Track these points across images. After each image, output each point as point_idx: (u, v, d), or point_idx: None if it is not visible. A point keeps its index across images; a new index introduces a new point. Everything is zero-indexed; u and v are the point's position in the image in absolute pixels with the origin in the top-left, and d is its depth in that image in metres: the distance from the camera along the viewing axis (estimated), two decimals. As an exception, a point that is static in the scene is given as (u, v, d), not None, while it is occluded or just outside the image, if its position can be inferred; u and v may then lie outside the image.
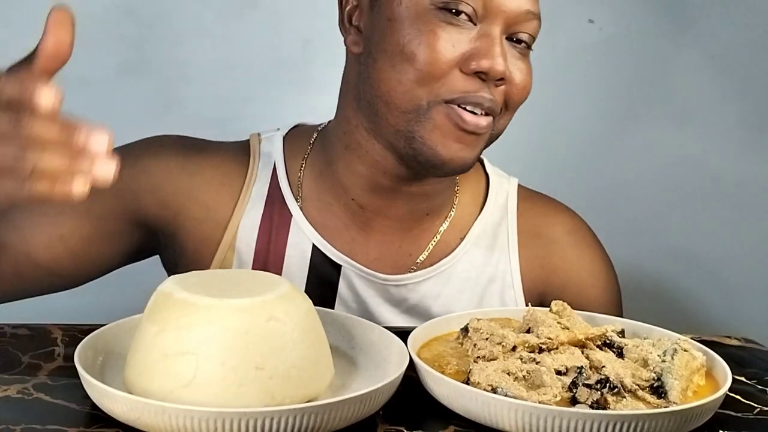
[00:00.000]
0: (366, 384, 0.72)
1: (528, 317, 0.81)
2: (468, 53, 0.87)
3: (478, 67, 0.87)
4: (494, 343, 0.77)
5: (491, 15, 0.87)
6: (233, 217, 0.99)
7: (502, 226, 1.04)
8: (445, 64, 0.87)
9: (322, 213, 0.99)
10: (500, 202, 1.05)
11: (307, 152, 1.01)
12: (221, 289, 0.71)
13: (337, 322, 0.83)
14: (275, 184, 1.00)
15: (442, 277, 1.00)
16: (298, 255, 0.98)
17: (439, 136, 0.89)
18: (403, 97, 0.89)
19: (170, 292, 0.70)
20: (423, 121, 0.89)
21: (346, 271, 0.98)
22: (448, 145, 0.89)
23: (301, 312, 0.72)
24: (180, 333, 0.67)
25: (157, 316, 0.69)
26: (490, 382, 0.70)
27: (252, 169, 1.01)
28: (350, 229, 0.99)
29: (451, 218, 1.02)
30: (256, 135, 1.04)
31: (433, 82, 0.87)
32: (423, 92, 0.88)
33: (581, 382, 0.71)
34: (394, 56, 0.88)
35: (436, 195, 0.99)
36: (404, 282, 0.99)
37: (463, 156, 0.90)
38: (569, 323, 0.80)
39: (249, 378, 0.66)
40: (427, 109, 0.88)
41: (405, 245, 1.00)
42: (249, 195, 1.00)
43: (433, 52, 0.86)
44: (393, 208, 0.98)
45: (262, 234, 0.99)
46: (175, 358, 0.67)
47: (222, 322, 0.67)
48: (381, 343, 0.80)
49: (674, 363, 0.74)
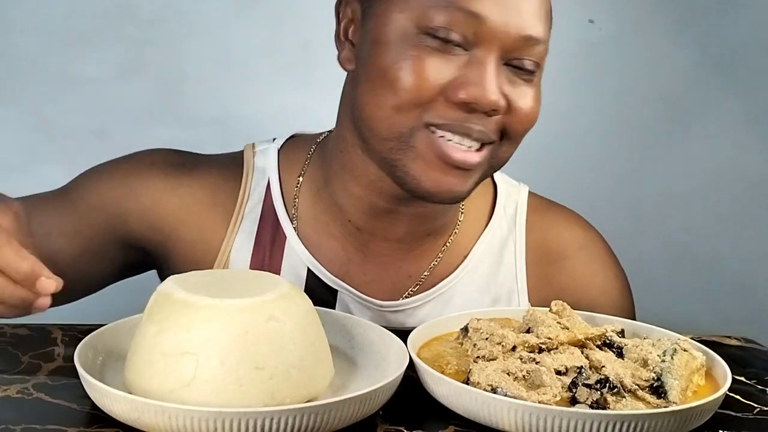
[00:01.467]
0: (366, 384, 0.72)
1: (528, 317, 0.81)
2: (455, 81, 0.81)
3: (466, 96, 0.81)
4: (494, 343, 0.77)
5: (484, 41, 0.81)
6: (226, 239, 0.96)
7: (509, 242, 1.00)
8: (429, 91, 0.81)
9: (317, 233, 0.96)
10: (509, 213, 1.01)
11: (304, 167, 0.98)
12: (221, 289, 0.71)
13: (337, 322, 0.83)
14: (269, 202, 0.97)
15: (442, 300, 0.97)
16: (293, 279, 0.95)
17: (423, 166, 0.84)
18: (384, 123, 0.84)
19: (170, 292, 0.70)
20: (405, 150, 0.84)
21: (342, 296, 0.96)
22: (433, 177, 0.84)
23: (301, 312, 0.72)
24: (180, 333, 0.67)
25: (157, 316, 0.69)
26: (489, 382, 0.70)
27: (245, 186, 0.97)
28: (347, 251, 0.96)
29: (455, 236, 0.98)
30: (251, 147, 1.01)
31: (415, 109, 0.82)
32: (404, 119, 0.83)
33: (581, 382, 0.71)
34: (376, 80, 0.83)
35: (437, 216, 0.95)
36: (402, 307, 0.96)
37: (451, 189, 0.85)
38: (569, 323, 0.80)
39: (249, 378, 0.66)
40: (409, 136, 0.83)
41: (404, 266, 0.97)
42: (242, 215, 0.97)
43: (416, 78, 0.81)
44: (391, 231, 0.94)
45: (256, 256, 0.96)
46: (174, 358, 0.67)
47: (222, 322, 0.67)
48: (381, 343, 0.80)
49: (674, 363, 0.74)
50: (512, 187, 1.03)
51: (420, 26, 0.82)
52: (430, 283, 0.97)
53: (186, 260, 0.96)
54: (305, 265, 0.96)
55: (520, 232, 1.00)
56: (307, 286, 0.95)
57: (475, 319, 0.81)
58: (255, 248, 0.96)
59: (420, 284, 0.97)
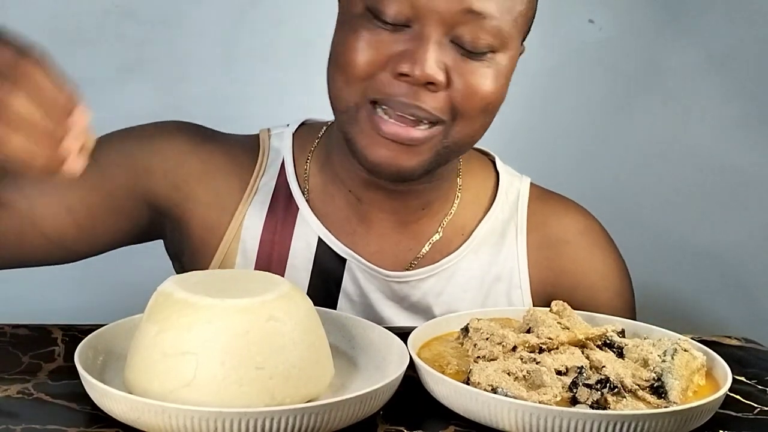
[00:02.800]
0: (366, 384, 0.72)
1: (528, 317, 0.81)
2: (395, 55, 0.84)
3: (402, 69, 0.83)
4: (494, 343, 0.77)
5: (422, 16, 0.83)
6: (240, 207, 0.99)
7: (511, 224, 1.02)
8: (367, 65, 0.85)
9: (326, 205, 0.99)
10: (511, 200, 1.03)
11: (314, 146, 1.02)
12: (221, 289, 0.71)
13: (336, 322, 0.83)
14: (283, 178, 1.00)
15: (445, 275, 0.99)
16: (303, 247, 0.98)
17: (366, 139, 0.87)
18: (336, 99, 0.89)
19: (170, 292, 0.70)
20: (353, 123, 0.88)
21: (351, 264, 0.98)
22: (375, 151, 0.87)
23: (301, 312, 0.72)
24: (180, 333, 0.67)
25: (157, 316, 0.69)
26: (490, 382, 0.70)
27: (261, 162, 1.01)
28: (351, 222, 0.99)
29: (452, 216, 1.01)
30: (266, 130, 1.05)
31: (359, 83, 0.86)
32: (350, 94, 0.87)
33: (581, 382, 0.71)
34: (331, 58, 0.89)
35: (428, 192, 0.98)
36: (406, 279, 0.99)
37: (398, 164, 0.87)
38: (569, 323, 0.80)
39: (249, 378, 0.66)
40: (356, 111, 0.87)
41: (404, 240, 1.00)
42: (257, 187, 1.00)
43: (353, 53, 0.85)
44: (387, 203, 0.98)
45: (268, 226, 0.99)
46: (175, 358, 0.67)
47: (222, 322, 0.67)
48: (381, 343, 0.80)
49: (674, 363, 0.74)
50: (514, 177, 1.06)
51: (369, 8, 0.85)
52: (431, 258, 1.00)
53: (200, 224, 0.99)
54: (316, 234, 0.98)
55: (521, 216, 1.03)
56: (317, 256, 0.98)
57: (475, 319, 0.81)
58: (268, 218, 0.99)
59: (420, 258, 1.00)
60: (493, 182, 1.05)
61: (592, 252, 1.03)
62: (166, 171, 0.99)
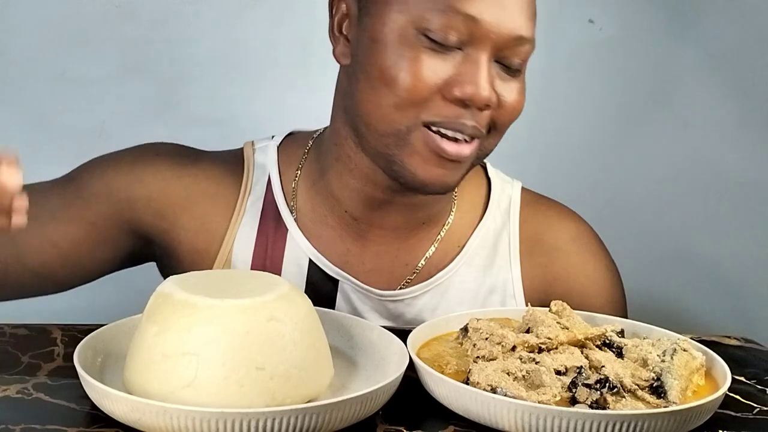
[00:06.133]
0: (366, 384, 0.72)
1: (527, 317, 0.81)
2: (451, 79, 0.84)
3: (461, 94, 0.84)
4: (494, 343, 0.77)
5: (478, 41, 0.84)
6: (228, 231, 0.98)
7: (504, 233, 1.02)
8: (427, 91, 0.84)
9: (316, 224, 0.98)
10: (503, 207, 1.03)
11: (301, 162, 1.00)
12: (221, 289, 0.71)
13: (336, 322, 0.83)
14: (270, 197, 0.99)
15: (440, 290, 0.99)
16: (295, 270, 0.97)
17: (419, 161, 0.87)
18: (382, 120, 0.87)
19: (170, 293, 0.70)
20: (402, 146, 0.87)
21: (343, 285, 0.97)
22: (428, 170, 0.87)
23: (301, 312, 0.72)
24: (180, 334, 0.67)
25: (157, 317, 0.69)
26: (489, 382, 0.70)
27: (246, 181, 0.99)
28: (345, 241, 0.98)
29: (449, 226, 1.00)
30: (250, 144, 1.03)
31: (413, 107, 0.85)
32: (402, 117, 0.85)
33: (581, 382, 0.71)
34: (375, 79, 0.86)
35: (431, 204, 0.97)
36: (401, 297, 0.98)
37: (445, 180, 0.89)
38: (569, 323, 0.80)
39: (250, 378, 0.66)
40: (407, 134, 0.86)
41: (401, 255, 0.99)
42: (244, 208, 0.98)
43: (414, 78, 0.84)
44: (387, 219, 0.97)
45: (258, 248, 0.97)
46: (175, 358, 0.67)
47: (222, 323, 0.67)
48: (381, 343, 0.80)
49: (674, 363, 0.74)
50: (506, 183, 1.06)
51: (418, 28, 0.84)
52: (427, 273, 0.99)
53: (189, 249, 0.98)
54: (307, 256, 0.97)
55: (513, 225, 1.02)
56: (309, 277, 0.97)
57: (474, 319, 0.81)
58: (257, 241, 0.97)
59: (417, 273, 0.99)
60: (485, 189, 1.04)
61: (584, 258, 1.03)
62: (149, 199, 0.97)
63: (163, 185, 0.98)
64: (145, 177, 0.98)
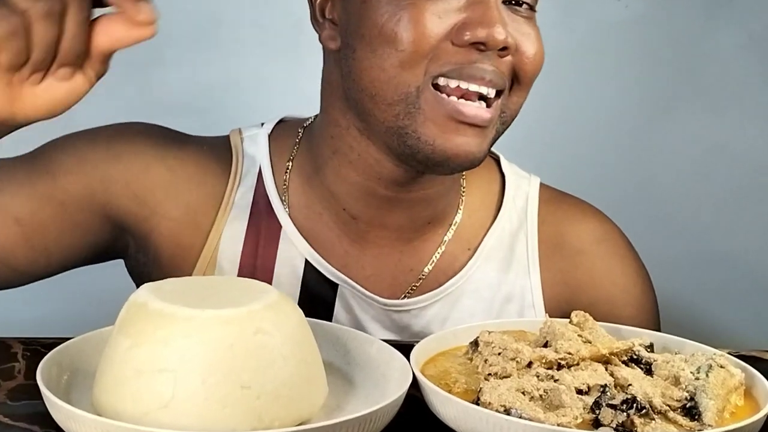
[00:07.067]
0: (364, 404, 0.72)
1: (545, 330, 0.81)
2: (459, 23, 0.85)
3: (473, 37, 0.84)
4: (507, 359, 0.77)
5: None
6: (215, 226, 0.97)
7: (521, 235, 1.02)
8: (433, 39, 0.84)
9: (311, 222, 0.98)
10: (519, 206, 1.03)
11: (292, 153, 1.00)
12: (202, 298, 0.71)
13: (331, 335, 0.83)
14: (262, 191, 0.99)
15: (450, 299, 0.98)
16: (289, 272, 0.97)
17: (435, 129, 0.86)
18: (388, 86, 0.86)
19: (145, 302, 0.70)
20: (413, 113, 0.86)
21: (343, 290, 0.97)
22: (448, 139, 0.86)
23: (291, 324, 0.72)
24: (156, 348, 0.67)
25: (130, 329, 0.69)
26: (502, 402, 0.70)
27: (236, 171, 0.99)
28: (343, 242, 0.98)
29: (457, 225, 1.00)
30: (238, 132, 1.02)
31: (420, 62, 0.85)
32: (410, 76, 0.85)
33: (605, 402, 0.71)
34: (373, 40, 0.86)
35: (438, 199, 0.97)
36: (407, 307, 0.98)
37: (469, 150, 0.87)
38: (591, 336, 0.80)
39: (234, 398, 0.66)
40: (417, 97, 0.86)
41: (405, 259, 0.99)
42: (232, 201, 0.98)
43: (416, 27, 0.84)
44: (389, 218, 0.96)
45: (248, 246, 0.97)
46: (150, 375, 0.67)
47: (203, 336, 0.67)
48: (380, 359, 0.80)
49: (709, 381, 0.74)
50: (522, 178, 1.05)
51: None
52: (434, 280, 0.99)
53: (171, 242, 0.97)
54: (302, 256, 0.97)
55: (531, 225, 1.02)
56: (305, 280, 0.97)
57: (486, 331, 0.81)
58: (247, 237, 0.97)
59: (423, 279, 0.99)
60: (499, 185, 1.04)
61: (611, 262, 1.03)
62: (128, 181, 0.96)
63: (144, 166, 0.97)
64: (125, 155, 0.97)
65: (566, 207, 1.05)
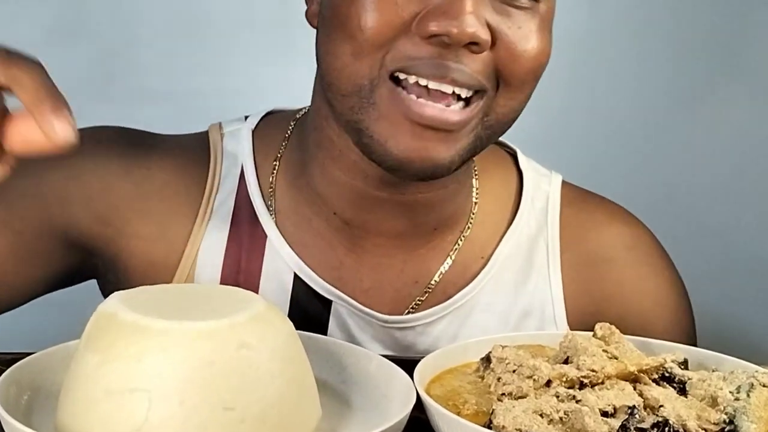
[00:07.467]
0: (361, 428, 0.73)
1: (566, 344, 0.81)
2: (423, 12, 0.82)
3: (438, 29, 0.81)
4: (523, 377, 0.77)
5: None
6: (192, 238, 0.97)
7: (541, 241, 1.02)
8: (388, 29, 0.82)
9: (301, 230, 0.98)
10: (538, 208, 1.03)
11: (280, 150, 1.00)
12: (179, 308, 0.71)
13: (325, 350, 0.83)
14: (244, 194, 0.99)
15: (460, 314, 0.98)
16: (276, 287, 0.97)
17: (389, 128, 0.84)
18: (341, 75, 0.85)
19: (115, 313, 0.70)
20: (366, 107, 0.85)
21: (337, 307, 0.97)
22: (402, 141, 0.84)
23: (280, 337, 0.72)
24: (128, 364, 0.67)
25: (98, 344, 0.69)
26: (518, 425, 0.70)
27: (214, 175, 0.99)
28: (337, 252, 0.98)
29: (469, 232, 1.00)
30: (217, 127, 1.02)
31: (374, 52, 0.83)
32: (362, 67, 0.84)
33: (633, 425, 0.71)
34: (330, 24, 0.85)
35: (444, 203, 0.97)
36: (410, 323, 0.98)
37: (429, 156, 0.85)
38: (618, 351, 0.80)
39: (215, 421, 0.66)
40: (370, 90, 0.85)
41: (408, 270, 0.98)
42: (210, 209, 0.98)
43: (371, 14, 0.82)
44: (387, 224, 0.96)
45: (229, 259, 0.97)
46: (121, 396, 0.67)
47: (180, 351, 0.67)
48: (380, 377, 0.80)
49: (750, 401, 0.74)
50: (542, 176, 1.05)
51: None
52: (443, 292, 0.99)
53: (142, 261, 0.97)
54: (291, 269, 0.97)
55: (552, 229, 1.02)
56: (294, 297, 0.97)
57: (499, 345, 0.81)
58: (228, 250, 0.97)
59: (429, 292, 0.99)
60: (516, 185, 1.04)
61: (643, 271, 1.03)
62: (89, 200, 0.97)
63: (106, 181, 0.97)
64: (84, 172, 0.97)
65: (592, 209, 1.05)
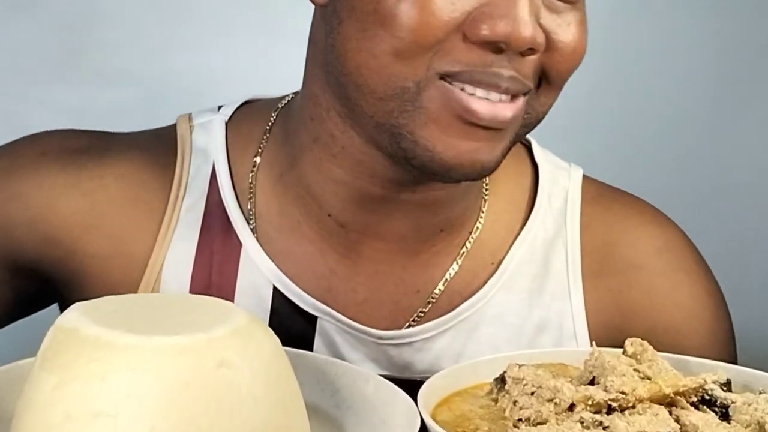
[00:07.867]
0: (358, 459, 0.72)
1: (592, 362, 0.81)
2: (476, 12, 0.83)
3: (492, 33, 0.82)
4: (543, 400, 0.77)
5: None
6: (155, 252, 0.97)
7: (559, 243, 1.02)
8: (441, 30, 0.83)
9: (284, 235, 0.98)
10: (556, 206, 1.03)
11: (261, 145, 1.00)
12: (149, 321, 0.71)
13: (315, 370, 0.84)
14: (215, 197, 0.99)
15: (464, 328, 0.99)
16: (253, 303, 0.96)
17: (437, 132, 0.85)
18: (379, 77, 0.85)
19: (75, 327, 0.69)
20: (412, 112, 0.86)
21: (324, 324, 0.97)
22: (452, 145, 0.86)
23: (264, 355, 0.71)
24: (90, 385, 0.67)
25: (56, 361, 0.69)
26: (537, 456, 0.70)
27: (180, 176, 0.99)
28: (327, 259, 0.98)
29: (478, 233, 1.00)
30: (186, 119, 1.03)
31: (422, 54, 0.84)
32: (408, 69, 0.84)
33: (669, 456, 0.71)
34: (366, 17, 0.85)
35: (453, 201, 0.97)
36: (408, 339, 0.98)
37: (477, 159, 0.87)
38: (651, 371, 0.81)
39: (190, 450, 0.66)
40: (417, 93, 0.85)
41: (410, 278, 0.99)
42: (177, 215, 0.98)
43: (422, 11, 0.82)
44: (389, 226, 0.97)
45: (198, 273, 0.97)
46: (83, 421, 0.66)
47: (151, 370, 0.66)
48: (379, 400, 0.80)
49: (802, 428, 0.74)
50: (560, 170, 1.06)
51: None
52: (447, 302, 0.99)
53: (98, 284, 0.97)
54: (270, 282, 0.97)
55: (572, 231, 1.03)
56: (273, 313, 0.97)
57: (515, 364, 0.81)
58: (197, 263, 0.97)
59: (432, 303, 0.99)
60: (531, 180, 1.05)
61: (675, 280, 1.04)
62: (33, 221, 0.97)
63: (51, 198, 0.97)
64: (26, 191, 0.98)
65: (617, 207, 1.05)
